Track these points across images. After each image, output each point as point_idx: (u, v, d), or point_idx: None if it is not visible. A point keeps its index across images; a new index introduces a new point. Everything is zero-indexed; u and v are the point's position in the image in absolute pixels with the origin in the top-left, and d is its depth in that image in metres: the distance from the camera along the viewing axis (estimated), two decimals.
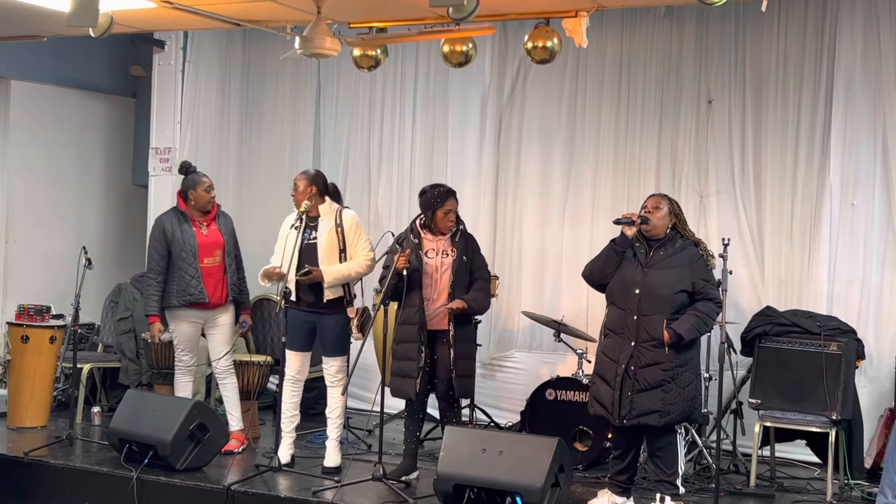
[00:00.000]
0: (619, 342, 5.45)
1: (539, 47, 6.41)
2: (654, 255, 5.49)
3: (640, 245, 5.54)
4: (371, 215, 8.52)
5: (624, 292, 5.47)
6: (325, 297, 6.21)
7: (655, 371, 5.37)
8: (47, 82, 8.88)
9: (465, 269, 6.05)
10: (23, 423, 7.34)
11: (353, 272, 6.24)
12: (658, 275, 5.43)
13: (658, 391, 5.36)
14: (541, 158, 8.04)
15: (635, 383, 5.37)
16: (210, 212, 6.78)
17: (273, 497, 5.80)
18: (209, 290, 6.66)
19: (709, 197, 7.46)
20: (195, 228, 6.72)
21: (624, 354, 5.41)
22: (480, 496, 5.37)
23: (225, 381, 6.84)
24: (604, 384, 5.48)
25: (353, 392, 7.48)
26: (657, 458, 5.49)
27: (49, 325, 7.48)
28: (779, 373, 6.39)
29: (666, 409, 5.36)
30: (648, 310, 5.40)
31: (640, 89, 7.70)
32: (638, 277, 5.45)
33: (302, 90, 8.98)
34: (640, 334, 5.40)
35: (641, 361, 5.38)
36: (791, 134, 7.24)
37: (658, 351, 5.37)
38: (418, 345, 5.95)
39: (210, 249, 6.72)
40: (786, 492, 6.23)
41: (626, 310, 5.44)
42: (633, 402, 5.36)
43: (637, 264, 5.49)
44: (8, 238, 8.66)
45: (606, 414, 5.47)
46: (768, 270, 7.30)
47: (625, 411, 5.38)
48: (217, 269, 6.72)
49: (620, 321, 5.47)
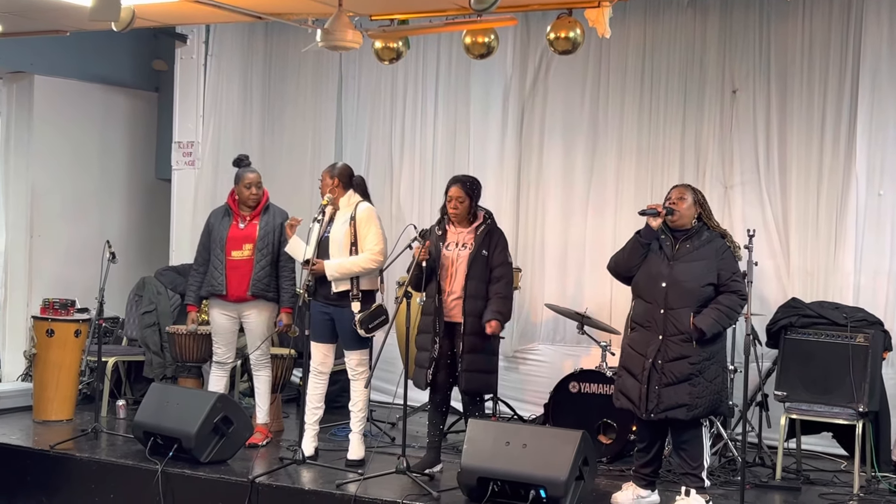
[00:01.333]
0: (647, 336, 5.41)
1: (561, 38, 6.36)
2: (680, 247, 5.44)
3: (665, 237, 5.49)
4: (393, 208, 8.51)
5: (650, 285, 5.43)
6: (332, 290, 6.21)
7: (683, 365, 5.33)
8: (70, 77, 8.91)
9: (482, 263, 6.01)
10: (48, 417, 7.39)
11: (356, 267, 6.17)
12: (685, 268, 5.39)
13: (685, 385, 5.32)
14: (563, 150, 8.00)
15: (662, 377, 5.33)
16: (256, 207, 6.78)
17: (297, 490, 5.80)
18: (231, 283, 6.66)
19: (733, 188, 7.41)
20: (235, 221, 6.74)
21: (651, 348, 5.37)
22: (504, 489, 5.35)
23: (258, 374, 6.87)
24: (630, 378, 5.45)
25: (376, 385, 7.48)
26: (682, 450, 5.46)
27: (74, 319, 7.52)
28: (805, 365, 6.33)
29: (693, 403, 5.32)
30: (675, 303, 5.36)
31: (664, 79, 7.64)
32: (664, 270, 5.41)
33: (324, 83, 8.98)
34: (668, 328, 5.35)
35: (669, 355, 5.34)
36: (816, 123, 7.17)
37: (686, 345, 5.33)
38: (433, 335, 5.96)
39: (239, 243, 6.70)
40: (812, 484, 6.18)
41: (653, 303, 5.40)
42: (661, 396, 5.33)
43: (663, 257, 5.44)
44: (33, 232, 8.71)
45: (633, 408, 5.44)
46: (794, 261, 7.24)
47: (652, 405, 5.35)
48: (244, 263, 6.69)
49: (647, 315, 5.43)
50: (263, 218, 6.77)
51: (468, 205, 6.08)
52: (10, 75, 8.75)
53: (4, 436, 6.89)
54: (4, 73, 8.77)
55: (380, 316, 6.21)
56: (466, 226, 6.09)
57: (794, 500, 5.87)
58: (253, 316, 6.75)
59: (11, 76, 8.75)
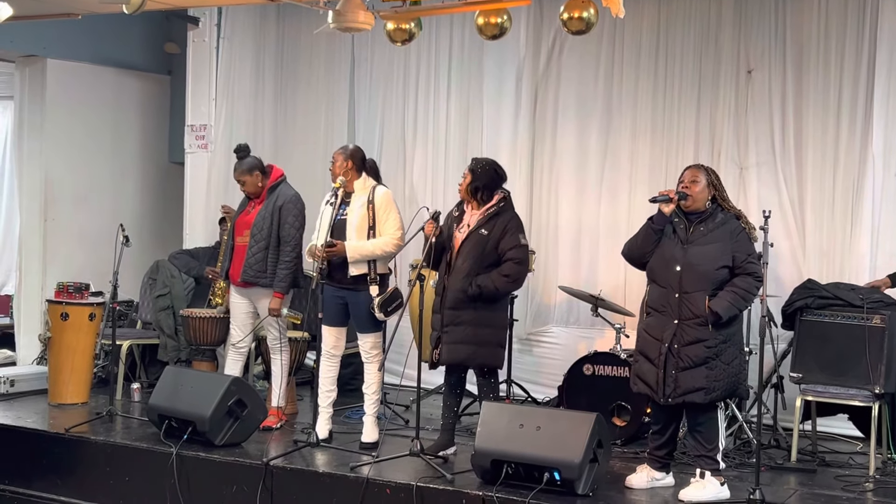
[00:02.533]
0: (662, 320, 5.37)
1: (575, 18, 6.32)
2: (694, 230, 5.40)
3: (678, 220, 5.45)
4: (406, 190, 8.49)
5: (665, 270, 5.39)
6: (349, 273, 6.20)
7: (699, 348, 5.29)
8: (83, 60, 8.91)
9: (477, 241, 5.90)
10: (63, 400, 7.42)
11: (378, 250, 6.19)
12: (699, 251, 5.35)
13: (702, 368, 5.29)
14: (577, 131, 7.97)
15: (679, 361, 5.30)
16: (256, 195, 6.78)
17: (311, 472, 5.82)
18: (233, 267, 6.75)
19: (749, 169, 7.36)
20: (247, 208, 6.81)
21: (667, 333, 5.34)
22: (518, 472, 5.35)
23: (275, 357, 6.89)
24: (647, 362, 5.42)
25: (389, 367, 7.49)
26: (698, 433, 5.43)
27: (88, 303, 7.54)
28: (820, 346, 6.29)
29: (711, 387, 5.29)
30: (690, 287, 5.32)
31: (678, 59, 7.59)
32: (678, 254, 5.37)
33: (336, 65, 8.95)
34: (683, 312, 5.31)
35: (685, 339, 5.31)
36: (833, 103, 7.11)
37: (701, 329, 5.29)
38: (441, 315, 5.96)
39: (241, 228, 6.78)
40: (828, 466, 6.16)
41: (668, 287, 5.36)
42: (678, 381, 5.30)
43: (677, 241, 5.40)
44: (46, 216, 8.72)
45: (651, 392, 5.41)
46: (810, 243, 7.20)
47: (669, 390, 5.32)
48: (243, 249, 6.73)
49: (662, 299, 5.39)
50: (269, 203, 6.76)
51: (469, 181, 6.03)
52: (22, 59, 8.75)
53: (20, 419, 6.93)
54: (17, 57, 8.76)
55: (397, 299, 6.22)
56: (479, 207, 6.06)
57: (809, 481, 5.84)
58: (261, 301, 6.77)
59: (24, 60, 8.74)
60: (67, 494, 6.43)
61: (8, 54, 8.75)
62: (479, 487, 5.40)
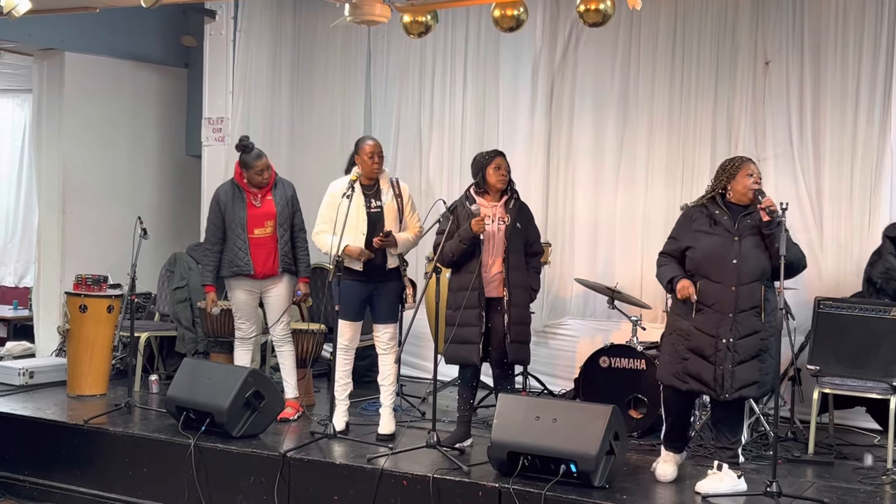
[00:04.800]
0: (715, 316, 5.27)
1: (591, 10, 6.30)
2: (740, 223, 5.32)
3: (720, 213, 5.36)
4: (422, 182, 8.50)
5: (718, 264, 5.28)
6: (388, 265, 6.27)
7: (754, 341, 5.25)
8: (101, 54, 8.95)
9: (519, 235, 6.01)
10: (82, 392, 7.46)
11: (413, 242, 6.37)
12: (751, 242, 5.28)
13: (755, 362, 5.25)
14: (593, 123, 7.95)
15: (735, 355, 5.24)
16: (265, 185, 6.79)
17: (328, 464, 5.83)
18: (257, 261, 6.67)
19: (766, 160, 7.33)
20: (248, 200, 6.71)
21: (723, 328, 5.25)
22: (534, 464, 5.35)
23: (282, 349, 6.88)
24: (701, 360, 5.30)
25: (405, 360, 7.50)
26: (723, 425, 5.39)
27: (106, 295, 7.57)
28: (838, 339, 6.28)
29: (763, 380, 5.27)
30: (748, 277, 5.25)
31: (695, 51, 7.57)
32: (732, 247, 5.28)
33: (352, 58, 8.96)
34: (740, 304, 5.24)
35: (740, 332, 5.24)
36: (851, 94, 7.08)
37: (755, 320, 5.25)
38: (479, 310, 5.91)
39: (260, 220, 6.71)
40: (845, 459, 6.14)
41: (722, 282, 5.27)
42: (735, 375, 5.24)
43: (726, 234, 5.32)
44: (65, 209, 8.77)
45: (707, 390, 5.31)
46: (827, 234, 7.17)
47: (728, 384, 5.24)
48: (268, 240, 6.71)
49: (715, 294, 5.28)
50: (276, 193, 6.76)
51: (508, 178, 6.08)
52: (41, 52, 8.79)
53: (39, 410, 6.97)
54: (35, 51, 8.81)
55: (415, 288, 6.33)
56: (498, 199, 6.06)
57: (826, 474, 5.83)
58: (275, 290, 6.77)
59: (42, 53, 8.79)
60: (86, 485, 6.47)
61: (26, 48, 8.80)
62: (496, 479, 5.40)
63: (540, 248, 6.21)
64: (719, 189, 5.40)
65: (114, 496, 6.37)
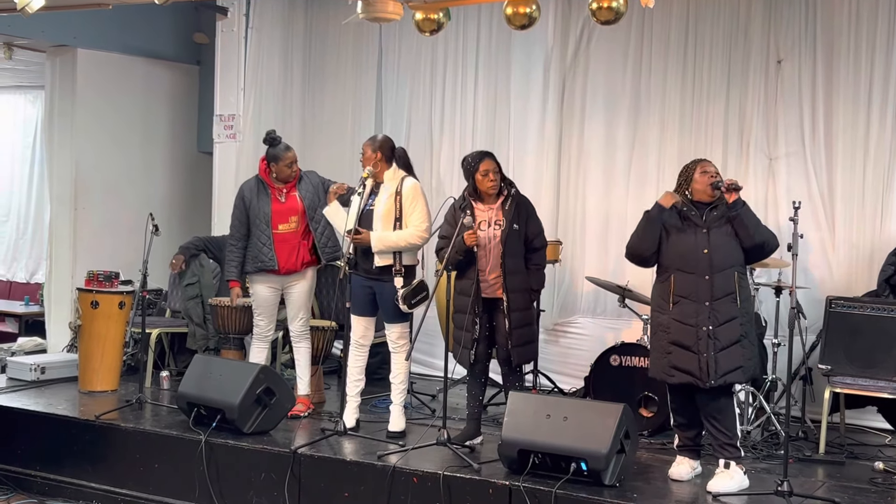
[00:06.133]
0: (692, 306, 5.36)
1: (604, 8, 6.28)
2: (707, 216, 5.43)
3: (688, 209, 5.46)
4: (433, 181, 8.49)
5: (690, 256, 5.39)
6: (374, 263, 6.22)
7: (734, 326, 5.33)
8: (113, 50, 8.97)
9: (517, 237, 5.97)
10: (93, 388, 7.48)
11: (402, 242, 6.18)
12: (721, 232, 5.39)
13: (737, 347, 5.33)
14: (605, 122, 7.94)
15: (717, 342, 5.31)
16: (292, 179, 6.78)
17: (338, 461, 5.84)
18: (281, 257, 6.67)
19: (778, 159, 7.32)
20: (273, 195, 6.71)
21: (701, 316, 5.33)
22: (545, 462, 5.35)
23: (298, 345, 6.90)
24: (684, 351, 5.37)
25: (416, 357, 7.50)
26: (716, 420, 5.40)
27: (118, 291, 7.58)
28: (850, 338, 6.27)
29: (746, 365, 5.36)
30: (720, 265, 5.35)
31: (707, 49, 7.55)
32: (702, 239, 5.38)
33: (364, 55, 8.96)
34: (715, 292, 5.33)
35: (719, 319, 5.32)
36: (863, 93, 7.06)
37: (732, 306, 5.33)
38: (472, 316, 5.93)
39: (285, 216, 6.70)
40: (856, 459, 6.12)
41: (695, 273, 5.36)
42: (718, 362, 5.31)
43: (694, 228, 5.41)
44: (77, 205, 8.80)
45: (693, 380, 5.34)
46: (839, 234, 7.15)
47: (712, 372, 5.31)
48: (293, 236, 6.71)
49: (690, 285, 5.38)
50: (301, 187, 6.77)
51: (501, 175, 6.05)
52: (53, 49, 8.82)
53: (51, 406, 6.99)
54: (48, 47, 8.84)
55: (422, 291, 6.21)
56: (494, 201, 6.05)
57: (837, 474, 5.82)
58: (298, 286, 6.78)
59: (55, 50, 8.81)
60: (97, 481, 6.49)
61: (39, 44, 8.83)
62: (506, 477, 5.40)
63: (542, 243, 6.11)
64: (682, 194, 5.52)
65: (125, 492, 6.39)
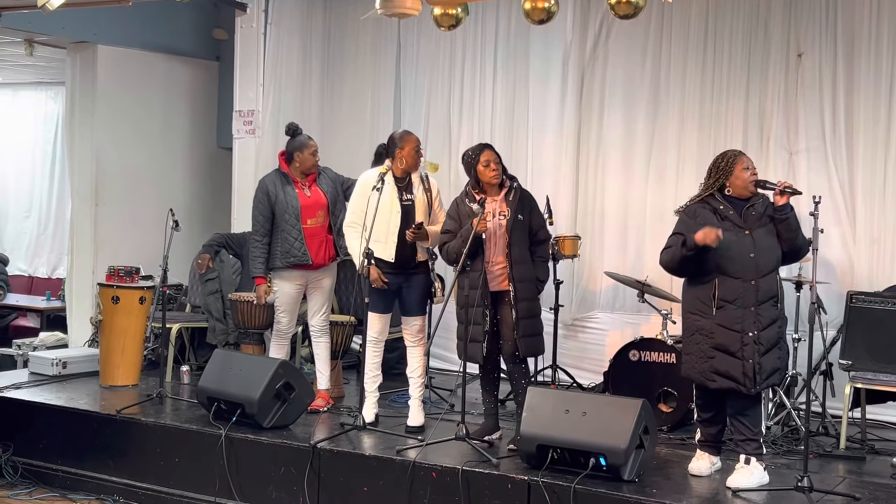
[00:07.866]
0: (738, 311, 5.27)
1: (622, 2, 6.26)
2: (746, 215, 5.33)
3: (724, 208, 5.35)
4: (451, 175, 8.49)
5: (737, 261, 5.27)
6: (417, 258, 6.29)
7: (774, 329, 5.31)
8: (133, 47, 9.00)
9: (521, 227, 5.96)
10: (114, 382, 7.52)
11: (437, 236, 6.32)
12: (763, 233, 5.30)
13: (775, 350, 5.31)
14: (624, 116, 7.92)
15: (760, 347, 5.25)
16: (315, 171, 6.79)
17: (358, 455, 5.86)
18: (312, 251, 6.69)
19: (798, 154, 7.28)
20: (298, 190, 6.72)
21: (747, 322, 5.25)
22: (564, 457, 5.35)
23: (319, 340, 6.91)
24: (728, 357, 5.28)
25: (434, 352, 7.51)
26: (745, 416, 5.36)
27: (138, 286, 7.62)
28: (871, 333, 6.24)
29: (783, 367, 5.39)
30: (765, 269, 5.28)
31: (727, 43, 7.52)
32: (747, 242, 5.28)
33: (382, 50, 8.97)
34: (760, 296, 5.26)
35: (763, 324, 5.26)
36: (884, 87, 7.01)
37: (773, 309, 5.31)
38: (483, 308, 5.91)
39: (313, 210, 6.71)
40: (877, 454, 6.10)
41: (742, 277, 5.27)
42: (762, 367, 5.25)
43: (735, 229, 5.30)
44: (97, 201, 8.84)
45: (737, 386, 5.27)
46: (860, 229, 7.11)
47: (759, 378, 5.24)
48: (320, 230, 6.73)
49: (737, 289, 5.27)
50: (321, 182, 6.79)
51: (503, 166, 6.05)
52: (73, 45, 8.86)
53: (72, 400, 7.03)
54: (68, 44, 8.88)
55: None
56: (497, 193, 6.04)
57: (858, 469, 5.79)
58: (325, 280, 6.82)
59: (75, 46, 8.85)
60: (118, 475, 6.53)
61: (59, 41, 8.88)
62: (525, 472, 5.40)
63: (546, 235, 6.13)
64: (717, 187, 5.40)
65: (145, 486, 6.42)
